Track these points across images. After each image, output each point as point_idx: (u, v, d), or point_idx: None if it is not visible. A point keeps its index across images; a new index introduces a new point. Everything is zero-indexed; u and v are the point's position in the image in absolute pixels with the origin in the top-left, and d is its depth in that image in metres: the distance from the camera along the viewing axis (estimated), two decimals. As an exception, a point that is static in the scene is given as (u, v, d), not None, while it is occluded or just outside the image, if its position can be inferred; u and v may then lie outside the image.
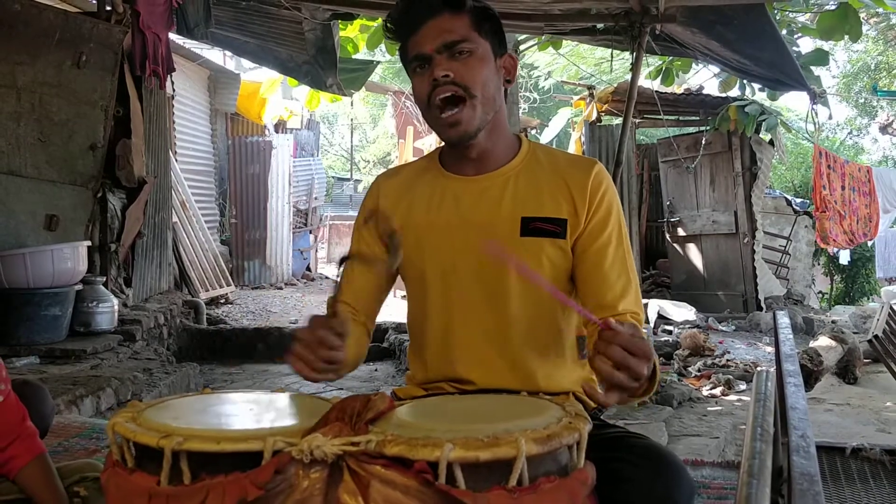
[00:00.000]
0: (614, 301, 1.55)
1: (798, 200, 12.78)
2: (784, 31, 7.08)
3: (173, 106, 8.81)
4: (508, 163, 1.64)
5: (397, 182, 1.73)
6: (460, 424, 1.10)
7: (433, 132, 1.64)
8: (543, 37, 6.63)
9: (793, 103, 20.07)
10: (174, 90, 8.01)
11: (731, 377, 5.83)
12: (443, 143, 1.71)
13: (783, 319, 1.81)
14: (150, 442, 1.06)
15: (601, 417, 1.64)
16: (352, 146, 26.09)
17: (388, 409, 1.16)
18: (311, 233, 12.56)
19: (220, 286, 8.87)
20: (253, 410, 1.23)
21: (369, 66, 7.50)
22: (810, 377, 5.47)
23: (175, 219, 7.65)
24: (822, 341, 6.10)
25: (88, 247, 4.93)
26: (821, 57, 7.34)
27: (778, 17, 6.81)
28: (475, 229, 1.60)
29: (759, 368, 6.13)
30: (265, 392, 1.37)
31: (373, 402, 1.13)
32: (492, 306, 1.60)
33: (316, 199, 12.80)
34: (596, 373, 1.22)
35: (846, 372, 6.37)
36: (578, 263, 1.60)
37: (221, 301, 8.85)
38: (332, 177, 22.50)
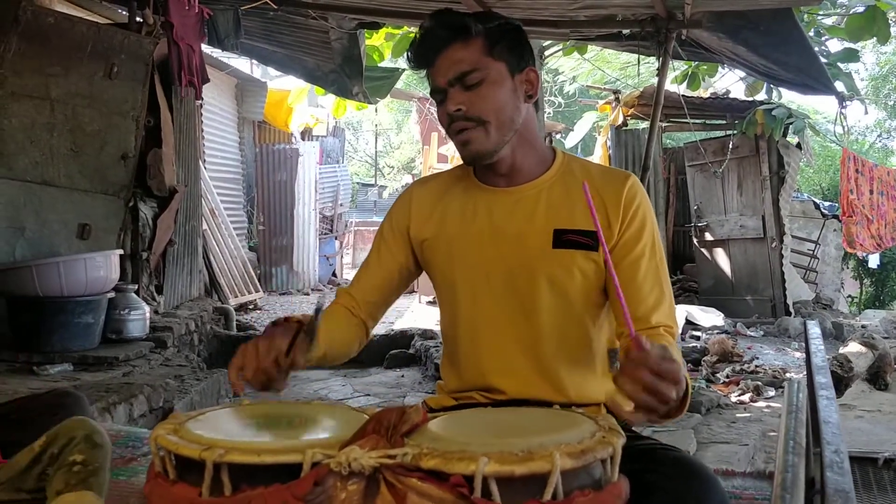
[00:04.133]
0: (647, 313, 1.56)
1: (826, 204, 12.67)
2: (811, 33, 7.04)
3: (202, 115, 8.90)
4: (542, 175, 1.65)
5: (430, 191, 1.75)
6: (495, 438, 1.12)
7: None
8: (569, 42, 6.63)
9: (821, 105, 19.86)
10: (202, 99, 8.10)
11: (759, 383, 5.78)
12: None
13: (814, 329, 1.80)
14: (192, 454, 1.09)
15: (633, 429, 1.64)
16: (376, 152, 26.22)
17: (423, 422, 1.18)
18: (336, 239, 12.64)
19: (249, 292, 8.94)
20: (290, 422, 1.26)
21: (394, 73, 7.53)
22: (840, 384, 5.42)
23: (205, 226, 7.73)
24: (853, 347, 6.03)
25: (120, 255, 4.99)
26: (851, 54, 7.28)
27: (805, 20, 6.77)
28: (507, 240, 1.62)
29: (788, 375, 6.09)
30: (299, 402, 1.40)
31: (408, 415, 1.15)
32: (523, 317, 1.62)
33: (341, 205, 12.88)
34: (623, 392, 1.20)
35: (877, 378, 6.29)
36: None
37: (250, 307, 8.93)
38: (357, 183, 22.61)
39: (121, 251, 5.03)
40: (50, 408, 1.83)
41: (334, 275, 12.52)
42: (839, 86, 7.03)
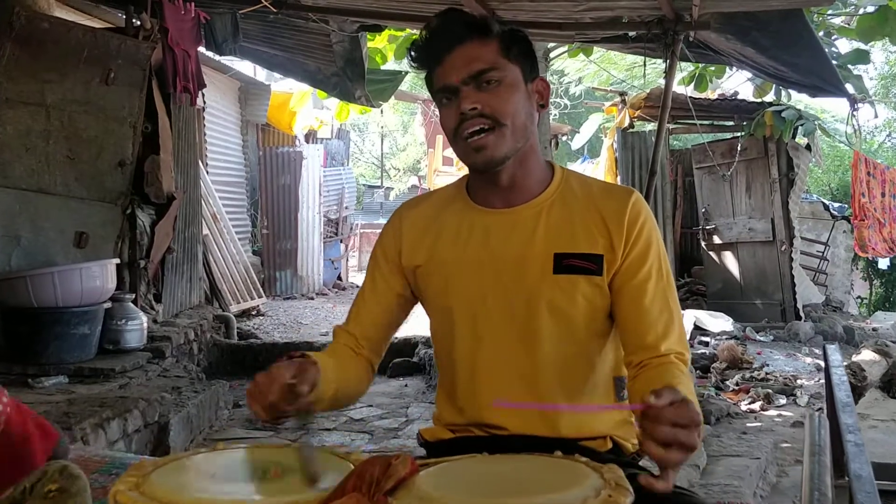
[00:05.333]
0: (656, 341, 1.46)
1: (836, 205, 12.51)
2: (821, 34, 6.91)
3: (204, 118, 8.83)
4: (540, 194, 1.55)
5: (421, 214, 1.64)
6: (486, 498, 1.01)
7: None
8: (574, 44, 6.52)
9: (830, 105, 19.66)
10: (205, 102, 8.01)
11: (770, 391, 5.68)
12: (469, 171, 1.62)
13: (835, 356, 1.68)
14: (154, 515, 0.99)
15: (640, 463, 1.54)
16: (382, 154, 26.15)
17: (410, 474, 1.07)
18: (341, 242, 12.56)
19: (251, 298, 8.85)
20: (265, 472, 1.16)
21: (397, 76, 7.43)
22: (854, 393, 5.30)
23: (206, 231, 7.64)
24: (866, 355, 5.91)
25: (118, 264, 4.91)
26: (861, 56, 7.15)
27: (815, 20, 6.64)
28: (506, 265, 1.51)
29: (799, 382, 5.97)
30: (280, 446, 1.29)
31: (393, 468, 1.05)
32: (523, 347, 1.52)
33: (346, 207, 12.80)
34: (650, 457, 1.12)
35: (891, 386, 6.15)
36: (617, 300, 1.51)
37: (252, 313, 8.84)
38: (363, 184, 22.56)
39: (118, 260, 4.95)
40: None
41: (339, 278, 12.43)
42: (849, 88, 6.90)
